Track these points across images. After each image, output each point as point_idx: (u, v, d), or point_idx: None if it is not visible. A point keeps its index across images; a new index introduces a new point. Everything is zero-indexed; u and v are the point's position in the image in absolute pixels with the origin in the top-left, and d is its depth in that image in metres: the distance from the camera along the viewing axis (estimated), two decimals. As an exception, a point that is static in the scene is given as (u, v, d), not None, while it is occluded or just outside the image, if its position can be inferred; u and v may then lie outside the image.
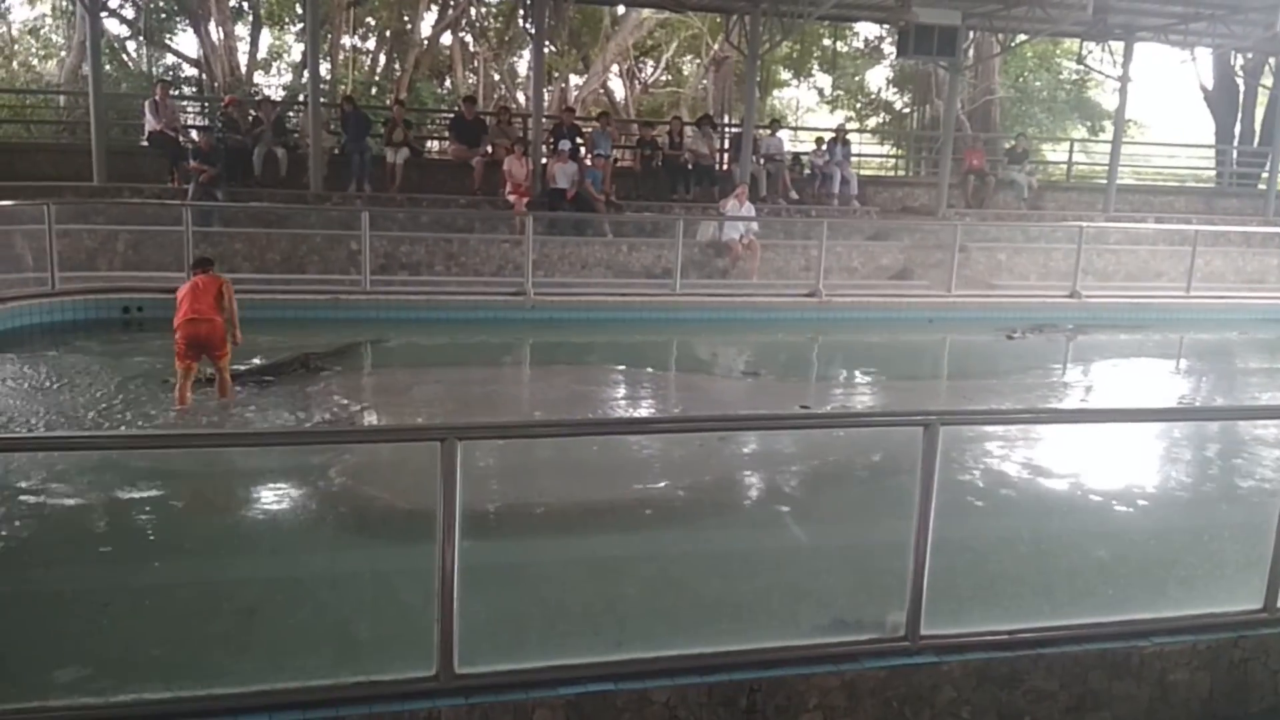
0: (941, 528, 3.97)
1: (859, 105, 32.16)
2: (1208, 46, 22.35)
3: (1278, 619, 4.38)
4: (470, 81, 28.69)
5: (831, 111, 32.58)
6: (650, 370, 11.45)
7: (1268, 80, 24.24)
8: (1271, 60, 22.78)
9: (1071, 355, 13.05)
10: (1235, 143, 24.93)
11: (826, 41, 28.77)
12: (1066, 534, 6.45)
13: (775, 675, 3.81)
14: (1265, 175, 22.17)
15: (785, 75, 32.06)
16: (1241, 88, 25.25)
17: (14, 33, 26.91)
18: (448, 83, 28.99)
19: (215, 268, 8.85)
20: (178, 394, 8.29)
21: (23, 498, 6.17)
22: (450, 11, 27.14)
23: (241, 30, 26.15)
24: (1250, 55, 23.73)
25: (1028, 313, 14.12)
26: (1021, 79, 29.93)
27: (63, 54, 25.50)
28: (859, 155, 23.15)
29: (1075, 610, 4.51)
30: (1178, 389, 11.84)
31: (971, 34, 19.56)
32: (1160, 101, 55.95)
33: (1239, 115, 25.22)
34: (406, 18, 26.92)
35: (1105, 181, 20.58)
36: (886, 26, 25.15)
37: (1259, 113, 25.03)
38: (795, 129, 28.42)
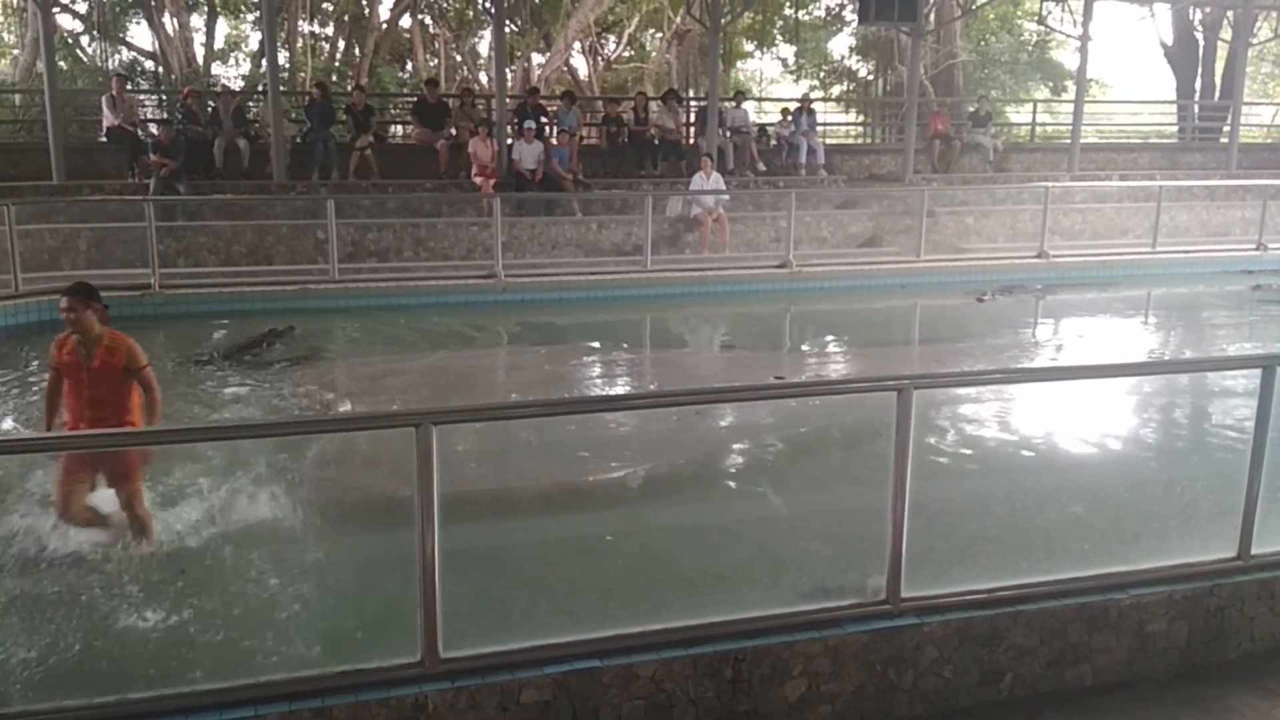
0: (918, 491, 3.99)
1: (823, 74, 32.12)
2: (1166, 2, 22.49)
3: (1252, 566, 4.45)
4: (432, 64, 28.44)
5: (796, 81, 32.52)
6: (625, 347, 11.43)
7: (1227, 34, 24.37)
8: (1230, 14, 22.90)
9: (1041, 315, 13.14)
10: (1196, 97, 25.11)
11: (788, 11, 28.68)
12: (1042, 492, 6.52)
13: (759, 644, 3.83)
14: (1227, 129, 22.35)
15: (748, 47, 32.02)
16: (1201, 42, 25.40)
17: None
18: (409, 66, 28.72)
19: (99, 301, 5.60)
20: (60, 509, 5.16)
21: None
22: (408, -6, 26.88)
23: (197, 21, 25.83)
24: (1209, 10, 23.88)
25: (997, 275, 14.19)
26: (983, 42, 30.00)
27: (15, 52, 25.07)
28: (824, 124, 23.16)
29: (1053, 566, 4.56)
30: (1147, 344, 11.95)
31: (932, -2, 19.58)
32: (1121, 59, 56.44)
33: (1199, 70, 25.38)
34: (364, 1, 26.61)
35: (1069, 141, 20.67)
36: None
37: (1219, 67, 25.18)
38: (760, 100, 28.43)
